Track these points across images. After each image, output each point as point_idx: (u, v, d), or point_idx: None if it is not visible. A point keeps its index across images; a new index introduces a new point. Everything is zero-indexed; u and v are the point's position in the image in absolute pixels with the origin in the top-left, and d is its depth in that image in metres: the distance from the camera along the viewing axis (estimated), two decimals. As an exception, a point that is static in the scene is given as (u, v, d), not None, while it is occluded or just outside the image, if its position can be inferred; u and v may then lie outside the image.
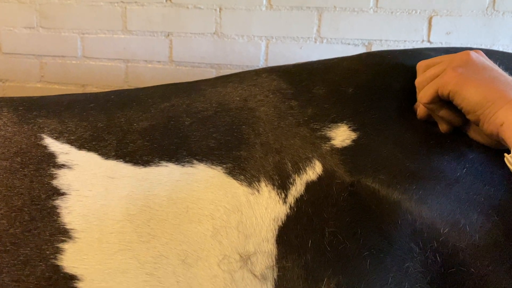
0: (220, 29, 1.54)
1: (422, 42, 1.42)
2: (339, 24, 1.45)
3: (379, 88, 0.73)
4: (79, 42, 1.65)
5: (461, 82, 0.64)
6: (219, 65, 1.58)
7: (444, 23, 1.39)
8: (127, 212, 0.58)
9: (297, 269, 0.55)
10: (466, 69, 0.65)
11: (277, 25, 1.50)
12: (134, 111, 0.69)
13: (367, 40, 1.45)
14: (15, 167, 0.61)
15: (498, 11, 1.35)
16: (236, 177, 0.60)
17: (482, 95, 0.62)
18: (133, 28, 1.60)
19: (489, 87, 0.62)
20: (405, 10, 1.40)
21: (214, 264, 0.55)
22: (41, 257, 0.55)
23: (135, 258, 0.55)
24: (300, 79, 0.75)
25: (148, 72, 1.63)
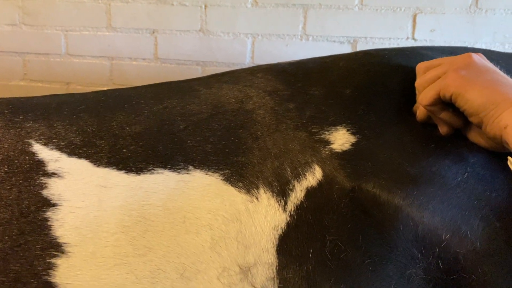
0: (205, 26, 1.51)
1: (407, 39, 1.41)
2: (324, 21, 1.44)
3: (377, 89, 0.70)
4: (62, 39, 1.61)
5: (464, 84, 0.62)
6: (204, 62, 1.55)
7: (428, 21, 1.38)
8: (122, 223, 0.55)
9: (298, 280, 0.52)
10: (468, 71, 0.63)
11: (263, 22, 1.47)
12: (126, 114, 0.65)
13: (352, 37, 1.43)
14: (1, 176, 0.57)
15: (481, 8, 1.35)
16: (234, 184, 0.57)
17: (485, 97, 0.60)
18: (117, 25, 1.56)
19: (492, 89, 0.61)
20: (390, 7, 1.39)
21: (213, 278, 0.52)
22: (32, 273, 0.52)
23: (132, 273, 0.52)
24: (296, 79, 0.72)
25: (133, 70, 1.60)
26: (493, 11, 1.34)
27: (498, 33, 1.35)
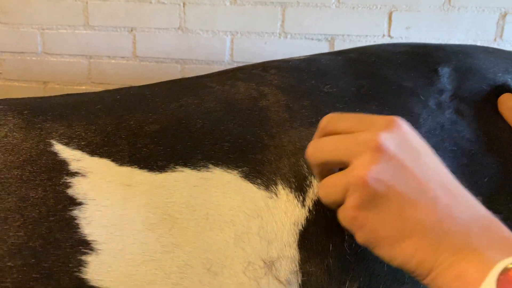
0: (184, 24, 1.51)
1: (383, 36, 1.44)
2: (302, 19, 1.46)
3: (390, 85, 0.71)
4: (39, 38, 1.59)
5: (367, 237, 0.46)
6: (184, 60, 1.56)
7: (403, 18, 1.42)
8: (148, 221, 0.56)
9: (320, 273, 0.54)
10: (369, 210, 0.45)
11: (241, 20, 1.49)
12: (143, 113, 0.66)
13: (330, 35, 1.46)
14: (26, 176, 0.57)
15: (454, 6, 1.39)
16: (253, 181, 0.59)
17: (398, 261, 0.45)
18: (95, 24, 1.56)
19: (407, 241, 0.44)
20: (366, 5, 1.42)
21: (239, 272, 0.53)
22: (64, 270, 0.53)
23: (160, 269, 0.53)
24: (309, 76, 0.73)
25: (111, 68, 1.59)
26: (465, 9, 1.38)
27: (470, 30, 1.40)
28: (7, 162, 0.58)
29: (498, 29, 1.40)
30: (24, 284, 0.51)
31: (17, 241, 0.53)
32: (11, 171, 0.57)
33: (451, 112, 0.69)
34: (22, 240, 0.53)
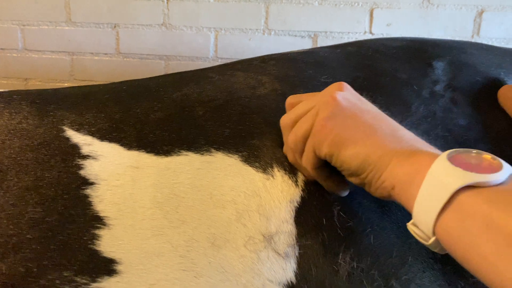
0: (168, 20, 1.54)
1: (365, 33, 1.50)
2: (286, 16, 1.50)
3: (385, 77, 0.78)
4: (19, 34, 1.60)
5: (335, 141, 0.55)
6: (168, 56, 1.58)
7: (384, 15, 1.47)
8: (156, 200, 0.61)
9: (316, 245, 0.59)
10: (336, 120, 0.56)
11: (225, 16, 1.52)
12: (149, 102, 0.72)
13: (313, 32, 1.51)
14: (42, 158, 0.63)
15: (433, 4, 1.45)
16: (252, 164, 0.64)
17: (361, 157, 0.53)
18: (77, 20, 1.57)
19: (367, 143, 0.53)
20: (348, 3, 1.47)
21: (241, 245, 0.59)
22: (79, 242, 0.58)
23: (169, 242, 0.59)
24: (307, 66, 0.79)
25: (94, 65, 1.61)
26: (444, 6, 1.45)
27: (448, 27, 1.46)
28: (23, 146, 0.64)
29: (475, 26, 1.46)
30: (43, 255, 0.56)
31: (35, 216, 0.58)
32: (27, 153, 0.63)
33: (445, 101, 0.75)
34: (40, 215, 0.58)
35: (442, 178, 0.45)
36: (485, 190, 0.44)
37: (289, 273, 0.58)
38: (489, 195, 0.43)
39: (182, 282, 0.57)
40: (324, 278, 0.58)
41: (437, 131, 0.71)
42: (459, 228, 0.44)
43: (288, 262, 0.58)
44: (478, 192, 0.44)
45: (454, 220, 0.44)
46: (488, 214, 0.42)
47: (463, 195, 0.44)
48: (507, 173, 0.45)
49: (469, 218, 0.43)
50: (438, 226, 0.46)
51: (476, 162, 0.46)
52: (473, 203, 0.43)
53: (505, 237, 0.40)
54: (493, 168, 0.46)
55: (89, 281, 0.56)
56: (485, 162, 0.47)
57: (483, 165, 0.46)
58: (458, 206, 0.44)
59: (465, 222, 0.43)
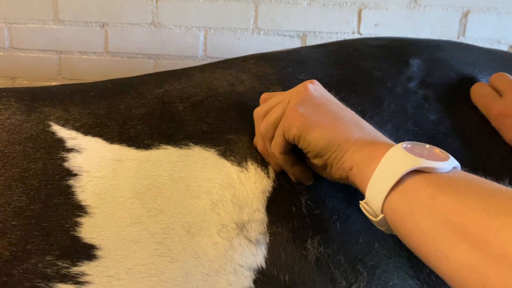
0: (157, 19, 1.56)
1: (353, 33, 1.53)
2: (275, 16, 1.53)
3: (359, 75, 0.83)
4: (6, 32, 1.61)
5: (304, 124, 0.61)
6: (157, 55, 1.60)
7: (372, 16, 1.51)
8: (135, 190, 0.66)
9: (285, 232, 0.64)
10: (306, 107, 0.62)
11: (215, 16, 1.55)
12: (132, 98, 0.77)
13: (301, 31, 1.55)
14: (28, 151, 0.68)
15: (420, 5, 1.49)
16: (228, 158, 0.69)
17: (327, 138, 0.59)
18: (65, 18, 1.58)
19: (332, 128, 0.60)
20: (336, 3, 1.51)
21: (214, 233, 0.64)
22: (61, 229, 0.63)
23: (146, 230, 0.64)
24: (287, 64, 0.84)
25: (82, 64, 1.62)
26: (431, 7, 1.49)
27: (435, 28, 1.50)
28: (11, 139, 0.69)
29: (461, 27, 1.50)
30: (27, 240, 0.61)
31: (20, 204, 0.63)
32: (14, 146, 0.68)
33: (417, 97, 0.80)
34: (25, 204, 0.63)
35: (394, 162, 0.51)
36: (432, 175, 0.50)
37: (260, 258, 0.63)
38: (435, 180, 0.49)
39: (158, 266, 0.61)
40: (293, 262, 0.63)
41: (407, 126, 0.76)
42: (405, 207, 0.50)
43: (259, 249, 0.63)
44: (425, 177, 0.50)
45: (401, 200, 0.50)
46: (431, 196, 0.48)
47: (411, 179, 0.50)
48: (452, 164, 0.51)
49: (414, 198, 0.49)
50: (386, 205, 0.52)
51: (427, 153, 0.52)
52: (419, 186, 0.49)
53: (444, 216, 0.46)
54: (441, 159, 0.51)
55: (70, 265, 0.61)
56: (435, 154, 0.52)
57: (432, 155, 0.52)
58: (405, 188, 0.50)
59: (410, 202, 0.49)
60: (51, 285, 0.60)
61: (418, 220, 0.48)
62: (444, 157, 0.52)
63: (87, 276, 0.61)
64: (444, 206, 0.47)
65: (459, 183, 0.49)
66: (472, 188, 0.48)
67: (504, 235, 0.41)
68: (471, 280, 0.43)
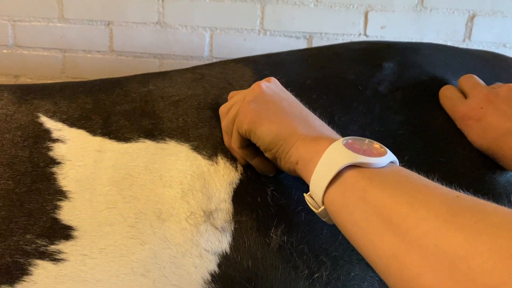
0: (163, 18, 1.59)
1: (359, 35, 1.57)
2: (281, 17, 1.57)
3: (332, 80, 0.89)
4: (10, 30, 1.63)
5: (253, 119, 0.67)
6: (162, 55, 1.63)
7: (379, 18, 1.55)
8: (113, 179, 0.74)
9: (250, 221, 0.71)
10: (257, 103, 0.68)
11: (221, 16, 1.58)
12: (117, 95, 0.85)
13: (308, 33, 1.58)
14: (17, 139, 0.77)
15: (426, 8, 1.53)
16: (200, 152, 0.77)
17: (273, 133, 0.65)
18: (70, 17, 1.60)
19: (279, 123, 0.65)
20: (343, 4, 1.55)
21: (183, 220, 0.71)
22: (42, 211, 0.71)
23: (120, 214, 0.71)
24: (264, 68, 0.92)
25: (87, 62, 1.65)
26: (437, 10, 1.52)
27: (441, 31, 1.54)
28: (1, 128, 0.78)
29: (467, 30, 1.53)
30: (10, 219, 0.70)
31: (6, 187, 0.72)
32: (4, 135, 0.77)
33: (386, 100, 0.86)
34: (11, 187, 0.72)
35: (333, 157, 0.57)
36: (367, 170, 0.55)
37: (224, 244, 0.70)
38: (369, 174, 0.54)
39: (129, 248, 0.69)
40: (256, 249, 0.70)
41: (373, 126, 0.83)
42: (341, 199, 0.55)
43: (224, 236, 0.71)
44: (360, 171, 0.55)
45: (338, 193, 0.56)
46: (364, 188, 0.53)
47: (348, 173, 0.55)
48: (388, 159, 0.56)
49: (349, 191, 0.54)
50: (326, 198, 0.57)
51: (366, 148, 0.58)
52: (354, 179, 0.55)
53: (374, 208, 0.51)
54: (378, 154, 0.57)
55: (48, 243, 0.69)
56: (374, 149, 0.58)
57: (370, 151, 0.58)
58: (342, 181, 0.55)
59: (345, 194, 0.54)
60: (29, 260, 0.68)
61: (351, 212, 0.53)
62: (382, 152, 0.57)
63: (63, 254, 0.69)
64: (374, 199, 0.51)
65: (391, 177, 0.54)
66: (401, 183, 0.52)
67: (422, 226, 0.45)
68: (392, 267, 0.47)
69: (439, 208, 0.46)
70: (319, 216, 0.61)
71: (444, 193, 0.49)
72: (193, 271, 0.70)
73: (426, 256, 0.44)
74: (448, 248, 0.43)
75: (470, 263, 0.41)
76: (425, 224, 0.46)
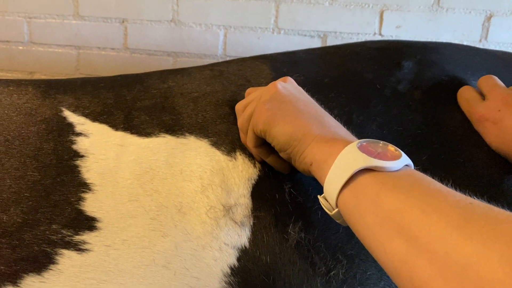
0: (177, 16, 1.63)
1: (374, 35, 1.60)
2: (295, 15, 1.60)
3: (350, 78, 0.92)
4: (25, 27, 1.67)
5: (269, 119, 0.69)
6: (176, 53, 1.67)
7: (394, 17, 1.58)
8: (134, 172, 0.78)
9: (268, 217, 0.75)
10: (273, 103, 0.70)
11: (235, 14, 1.61)
12: (138, 91, 0.90)
13: (322, 32, 1.61)
14: (41, 132, 0.81)
15: (442, 7, 1.55)
16: (219, 148, 0.81)
17: (288, 133, 0.67)
18: (85, 14, 1.65)
19: (294, 124, 0.67)
20: (358, 4, 1.57)
21: (203, 213, 0.75)
22: (67, 202, 0.75)
23: (142, 207, 0.75)
24: (282, 65, 0.95)
25: (101, 59, 1.69)
26: (453, 10, 1.55)
27: (457, 31, 1.56)
28: (27, 121, 0.82)
29: (484, 30, 1.54)
30: (37, 210, 0.74)
31: (33, 178, 0.76)
32: (29, 127, 0.81)
33: (405, 98, 0.89)
34: (37, 178, 0.76)
35: (347, 160, 0.58)
36: (381, 174, 0.56)
37: (244, 239, 0.74)
38: (383, 178, 0.55)
39: (151, 239, 0.73)
40: (274, 245, 0.73)
41: (392, 125, 0.86)
42: (354, 202, 0.57)
43: (243, 230, 0.74)
44: (374, 175, 0.56)
45: (351, 196, 0.57)
46: (377, 192, 0.54)
47: (362, 176, 0.57)
48: (403, 163, 0.57)
49: (362, 194, 0.56)
50: (339, 200, 0.59)
51: (380, 151, 0.58)
52: (367, 183, 0.56)
53: (386, 212, 0.52)
54: (392, 157, 0.58)
55: (73, 233, 0.73)
56: (388, 152, 0.59)
57: (385, 154, 0.58)
58: (355, 184, 0.57)
59: (358, 197, 0.56)
60: (56, 250, 0.72)
61: (364, 215, 0.55)
62: (396, 155, 0.58)
63: (88, 245, 0.73)
64: (387, 203, 0.53)
65: (404, 182, 0.55)
66: (414, 188, 0.53)
67: (433, 232, 0.47)
68: (402, 271, 0.48)
69: (451, 214, 0.47)
70: (333, 218, 0.63)
71: (457, 200, 0.50)
72: (213, 264, 0.73)
73: (436, 263, 0.45)
74: (458, 255, 0.44)
75: (480, 271, 0.41)
76: (436, 230, 0.47)
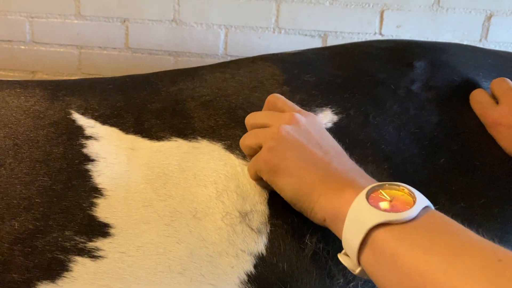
0: (178, 16, 1.65)
1: (375, 34, 1.61)
2: (296, 15, 1.62)
3: (364, 78, 0.92)
4: (27, 26, 1.70)
5: (274, 170, 0.69)
6: (177, 52, 1.69)
7: (394, 17, 1.60)
8: (147, 177, 0.77)
9: (285, 226, 0.74)
10: (275, 152, 0.69)
11: (236, 14, 1.63)
12: (147, 93, 0.89)
13: (323, 31, 1.63)
14: (51, 136, 0.80)
15: (443, 7, 1.57)
16: (233, 151, 0.80)
17: (294, 188, 0.67)
18: (87, 13, 1.67)
19: (300, 176, 0.66)
20: (359, 3, 1.59)
21: (218, 219, 0.74)
22: (79, 208, 0.74)
23: (155, 212, 0.74)
24: (293, 66, 0.95)
25: (103, 59, 1.71)
26: (453, 10, 1.56)
27: (457, 30, 1.58)
28: (35, 124, 0.80)
29: (484, 30, 1.56)
30: (49, 216, 0.73)
31: (43, 184, 0.75)
32: (38, 131, 0.79)
33: (419, 99, 0.89)
34: (48, 183, 0.75)
35: (359, 217, 0.57)
36: (396, 227, 0.55)
37: (260, 246, 0.73)
38: (399, 233, 0.54)
39: (165, 246, 0.72)
40: (291, 253, 0.73)
41: (408, 127, 0.85)
42: (374, 262, 0.56)
43: (260, 237, 0.73)
44: (389, 230, 0.55)
45: (370, 255, 0.56)
46: (395, 252, 0.53)
47: (377, 232, 0.56)
48: (418, 208, 0.56)
49: (379, 254, 0.55)
50: (361, 259, 0.58)
51: (391, 200, 0.58)
52: (383, 240, 0.55)
53: (406, 274, 0.52)
54: (405, 203, 0.57)
55: (86, 240, 0.71)
56: (400, 199, 0.58)
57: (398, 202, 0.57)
58: (372, 242, 0.56)
59: (377, 257, 0.55)
60: (69, 257, 0.71)
61: (384, 275, 0.55)
62: (409, 201, 0.57)
63: (102, 251, 0.72)
64: (406, 265, 0.52)
65: (422, 233, 0.54)
66: (435, 241, 0.53)
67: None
68: None
69: (477, 276, 0.47)
70: (359, 276, 0.62)
71: (483, 255, 0.49)
72: (229, 271, 0.73)
73: None
74: None
75: None
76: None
